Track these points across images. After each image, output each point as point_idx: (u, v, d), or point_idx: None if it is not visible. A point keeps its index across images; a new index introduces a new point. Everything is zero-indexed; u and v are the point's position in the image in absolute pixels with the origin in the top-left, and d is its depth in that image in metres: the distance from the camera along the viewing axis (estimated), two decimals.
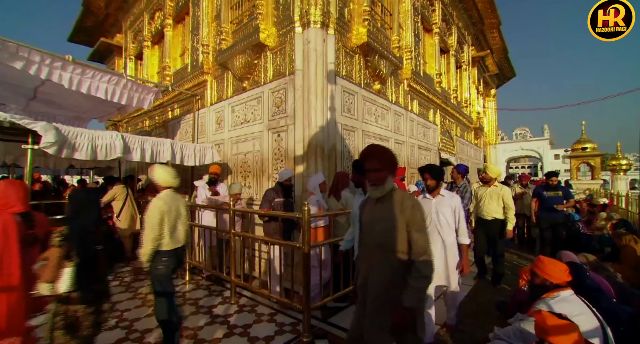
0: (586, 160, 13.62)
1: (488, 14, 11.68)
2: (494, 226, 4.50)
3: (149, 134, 9.01)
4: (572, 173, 14.32)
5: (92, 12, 10.39)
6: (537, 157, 33.14)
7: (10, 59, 4.03)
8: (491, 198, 4.50)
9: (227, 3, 5.97)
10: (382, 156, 1.79)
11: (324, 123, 4.46)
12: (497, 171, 4.63)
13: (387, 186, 1.77)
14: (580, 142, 13.82)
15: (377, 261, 1.78)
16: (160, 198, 2.74)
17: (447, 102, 9.33)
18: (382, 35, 5.79)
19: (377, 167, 1.75)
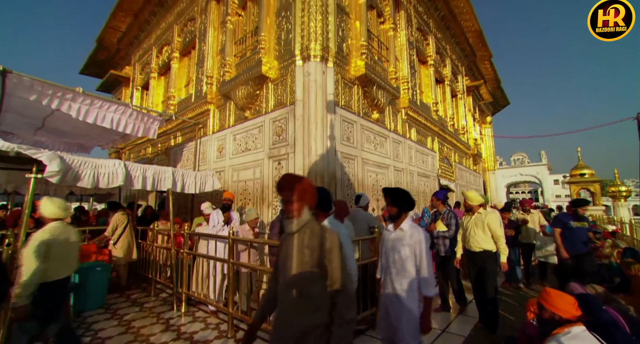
0: (586, 186, 13.65)
1: (479, 47, 12.28)
2: (480, 259, 3.88)
3: (150, 161, 9.13)
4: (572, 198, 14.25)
5: (105, 47, 10.97)
6: (537, 182, 33.18)
7: (25, 92, 4.20)
8: (476, 227, 3.94)
9: (232, 38, 6.31)
10: (296, 187, 1.65)
11: (324, 151, 4.54)
12: (478, 198, 4.03)
13: (302, 218, 1.63)
14: (578, 169, 13.93)
15: (290, 303, 1.55)
16: (45, 230, 2.76)
17: (444, 129, 9.54)
18: (379, 67, 6.06)
19: (291, 198, 1.62)
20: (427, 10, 9.45)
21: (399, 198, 2.46)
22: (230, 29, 6.32)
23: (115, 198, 8.52)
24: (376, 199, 5.83)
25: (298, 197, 1.63)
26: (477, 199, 4.02)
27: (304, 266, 1.54)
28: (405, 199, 2.46)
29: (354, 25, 5.77)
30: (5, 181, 6.30)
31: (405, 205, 2.45)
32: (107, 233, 5.52)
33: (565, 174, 30.70)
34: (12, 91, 4.30)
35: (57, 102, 4.65)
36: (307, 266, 1.53)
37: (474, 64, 13.51)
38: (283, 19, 5.36)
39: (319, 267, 1.51)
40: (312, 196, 1.69)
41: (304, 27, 4.91)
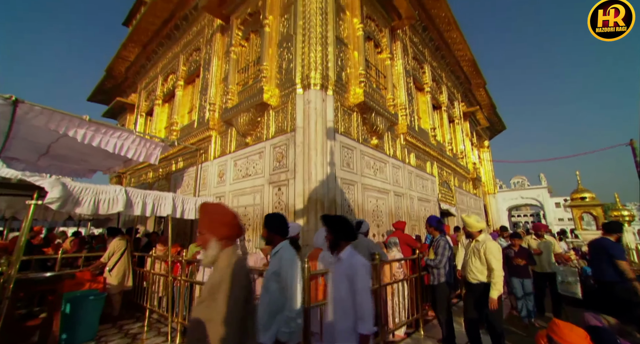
0: (588, 210, 13.52)
1: (474, 75, 12.73)
2: (478, 291, 3.59)
3: (151, 186, 9.14)
4: (576, 223, 14.09)
5: (113, 76, 11.39)
6: (538, 205, 33.01)
7: (34, 119, 4.32)
8: (474, 255, 3.65)
9: (235, 67, 6.57)
10: (204, 216, 1.55)
11: (324, 177, 4.57)
12: (477, 224, 3.72)
13: (209, 251, 1.50)
14: (578, 192, 13.88)
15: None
16: None
17: (443, 154, 9.64)
18: (377, 94, 6.25)
19: (200, 229, 1.53)
20: (422, 41, 9.90)
21: (335, 226, 2.34)
22: (233, 59, 6.59)
23: (114, 223, 8.45)
24: (377, 224, 5.78)
25: (203, 229, 1.53)
26: (477, 225, 3.72)
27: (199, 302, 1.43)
28: (342, 227, 2.34)
29: (352, 55, 6.03)
30: (5, 207, 6.28)
31: (343, 233, 2.31)
32: (104, 259, 5.41)
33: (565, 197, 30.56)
34: (21, 118, 4.42)
35: (64, 129, 4.76)
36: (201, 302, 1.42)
37: (469, 90, 13.92)
38: (284, 50, 5.61)
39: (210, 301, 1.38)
40: (221, 226, 1.54)
41: (305, 57, 5.13)
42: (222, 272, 1.41)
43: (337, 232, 2.32)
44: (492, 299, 3.37)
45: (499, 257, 3.51)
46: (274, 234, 2.27)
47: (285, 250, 2.22)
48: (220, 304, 1.33)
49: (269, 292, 1.98)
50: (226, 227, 1.55)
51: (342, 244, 2.31)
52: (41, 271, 5.39)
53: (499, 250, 3.56)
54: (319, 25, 5.26)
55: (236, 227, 1.59)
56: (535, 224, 6.45)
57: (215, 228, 1.53)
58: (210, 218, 1.55)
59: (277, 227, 2.29)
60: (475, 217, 3.76)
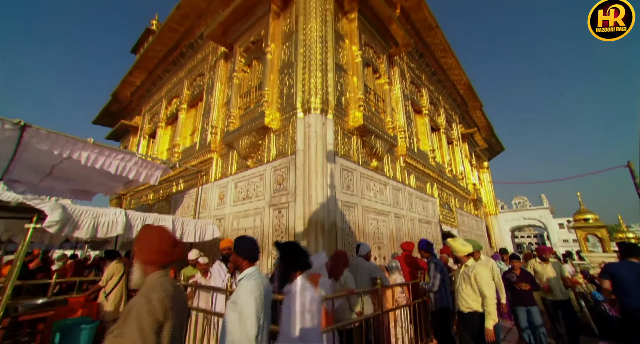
0: (592, 232, 13.33)
1: (470, 98, 13.05)
2: (470, 322, 3.34)
3: (151, 208, 9.11)
4: (581, 245, 13.85)
5: (119, 100, 11.71)
6: (542, 226, 32.58)
7: (40, 143, 4.40)
8: (464, 282, 3.42)
9: (237, 92, 6.76)
10: (138, 238, 1.49)
11: (324, 200, 4.57)
12: (463, 248, 3.51)
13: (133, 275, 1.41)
14: (580, 213, 13.75)
15: None
16: None
17: (442, 175, 9.67)
18: (376, 117, 6.38)
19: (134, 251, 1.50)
20: (419, 66, 10.25)
21: (284, 254, 2.14)
22: (236, 84, 6.80)
23: (112, 245, 8.35)
24: (378, 247, 5.70)
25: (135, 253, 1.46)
26: (463, 249, 3.51)
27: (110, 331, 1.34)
28: (292, 254, 2.13)
29: (351, 80, 6.22)
30: (2, 230, 6.23)
31: (293, 262, 2.12)
32: (102, 283, 5.28)
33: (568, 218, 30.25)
34: (27, 142, 4.51)
35: (68, 152, 4.83)
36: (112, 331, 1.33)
37: (466, 112, 14.21)
38: (285, 76, 5.80)
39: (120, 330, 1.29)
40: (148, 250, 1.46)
41: (305, 83, 5.29)
42: (136, 299, 1.34)
43: (287, 260, 2.14)
44: (488, 330, 3.12)
45: (490, 281, 3.29)
46: (242, 258, 2.06)
47: (249, 277, 1.97)
48: (127, 334, 1.23)
49: (226, 323, 1.83)
50: (152, 252, 1.47)
51: (296, 274, 2.12)
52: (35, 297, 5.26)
53: (489, 274, 3.35)
54: (319, 53, 5.47)
55: (165, 254, 1.48)
56: (540, 247, 6.12)
57: (142, 252, 1.47)
58: (141, 241, 1.50)
59: (246, 251, 2.09)
60: (460, 241, 3.59)
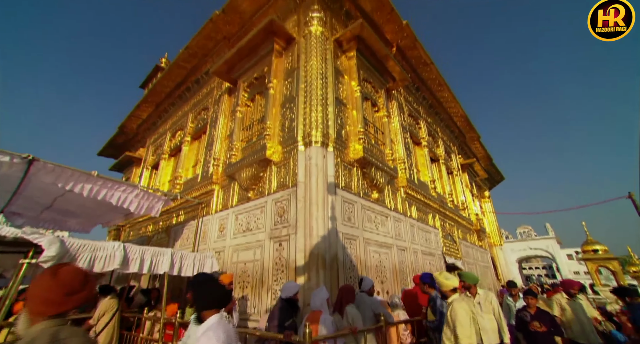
0: (603, 264, 12.87)
1: (467, 129, 13.36)
2: None
3: (150, 240, 8.98)
4: (593, 278, 13.32)
5: (125, 132, 12.03)
6: (549, 257, 31.66)
7: (45, 176, 4.47)
8: (446, 323, 3.16)
9: (240, 125, 6.97)
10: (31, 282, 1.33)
11: (325, 232, 4.53)
12: (445, 281, 3.26)
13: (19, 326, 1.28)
14: (588, 244, 13.40)
15: None
16: None
17: (444, 206, 9.63)
18: (376, 149, 6.50)
19: None
20: (416, 100, 10.63)
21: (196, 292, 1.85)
22: (239, 117, 7.02)
23: (106, 279, 8.10)
24: (380, 281, 5.54)
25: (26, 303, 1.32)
26: (447, 283, 3.24)
27: None
28: (205, 293, 1.83)
29: (351, 114, 6.44)
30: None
31: (203, 301, 1.82)
32: (92, 321, 5.06)
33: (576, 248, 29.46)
34: (32, 176, 4.58)
35: (72, 184, 4.88)
36: None
37: (464, 143, 14.46)
38: (287, 110, 6.02)
39: None
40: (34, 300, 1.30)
41: (306, 117, 5.47)
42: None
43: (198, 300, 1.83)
44: None
45: (465, 321, 2.91)
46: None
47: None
48: None
49: None
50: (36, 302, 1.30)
51: (206, 314, 1.81)
52: None
53: (466, 311, 3.00)
54: (320, 88, 5.72)
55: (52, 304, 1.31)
56: (565, 281, 5.21)
57: (28, 299, 1.32)
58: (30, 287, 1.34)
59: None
60: (444, 274, 3.37)
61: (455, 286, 3.25)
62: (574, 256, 34.55)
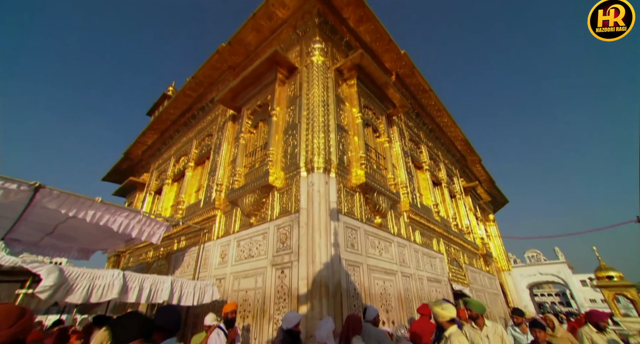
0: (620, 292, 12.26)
1: (468, 153, 13.46)
2: None
3: (150, 266, 8.83)
4: (611, 307, 12.61)
5: (130, 158, 12.23)
6: (562, 283, 30.50)
7: (49, 203, 4.50)
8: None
9: (243, 151, 7.07)
10: None
11: (328, 259, 4.45)
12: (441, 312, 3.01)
13: None
14: (602, 270, 12.88)
15: None
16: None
17: (448, 230, 9.48)
18: (378, 175, 6.53)
19: None
20: (417, 125, 10.82)
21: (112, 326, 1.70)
22: (242, 144, 7.15)
23: (102, 308, 7.87)
24: (385, 310, 5.34)
25: None
26: (443, 313, 2.99)
27: None
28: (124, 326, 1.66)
29: (353, 140, 6.54)
30: None
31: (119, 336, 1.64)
32: None
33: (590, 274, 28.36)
34: (37, 202, 4.61)
35: (75, 211, 4.90)
36: None
37: (466, 166, 14.51)
38: (290, 136, 6.13)
39: None
40: None
41: (308, 143, 5.57)
42: None
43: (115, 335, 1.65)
44: None
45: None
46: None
47: None
48: None
49: None
50: None
51: None
52: None
53: None
54: (322, 115, 5.87)
55: None
56: (592, 312, 4.63)
57: None
58: None
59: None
60: (440, 305, 3.11)
61: (453, 317, 2.98)
62: (588, 283, 33.20)
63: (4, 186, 4.10)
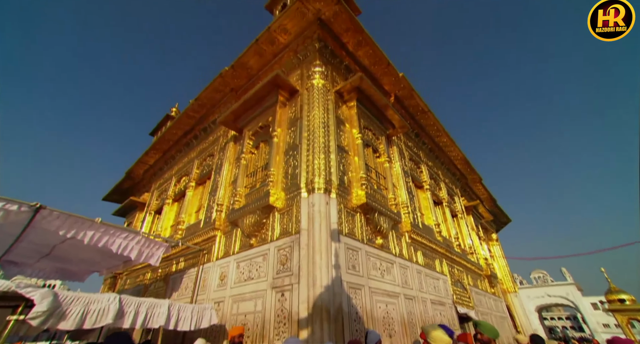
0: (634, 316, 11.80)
1: (468, 172, 13.50)
2: None
3: (147, 288, 8.63)
4: (626, 333, 12.09)
5: (131, 178, 12.28)
6: (572, 305, 29.54)
7: (49, 223, 4.48)
8: None
9: (244, 172, 7.12)
10: None
11: (329, 282, 4.36)
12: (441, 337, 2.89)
13: None
14: (612, 293, 12.46)
15: None
16: None
17: (451, 250, 9.33)
18: (379, 195, 6.53)
19: None
20: (416, 145, 10.93)
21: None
22: (243, 164, 7.21)
23: (95, 334, 7.59)
24: (388, 334, 5.16)
25: None
26: (445, 339, 2.86)
27: None
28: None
29: (353, 160, 6.59)
30: None
31: None
32: None
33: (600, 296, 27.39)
34: (37, 223, 4.59)
35: (74, 231, 4.87)
36: None
37: (467, 185, 14.50)
38: (290, 157, 6.19)
39: None
40: None
41: (309, 164, 5.62)
42: None
43: None
44: None
45: None
46: None
47: None
48: None
49: None
50: None
51: None
52: None
53: None
54: (322, 136, 5.96)
55: None
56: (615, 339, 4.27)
57: None
58: None
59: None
60: (440, 332, 2.94)
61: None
62: (600, 306, 32.08)
63: (5, 207, 4.11)
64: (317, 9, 6.98)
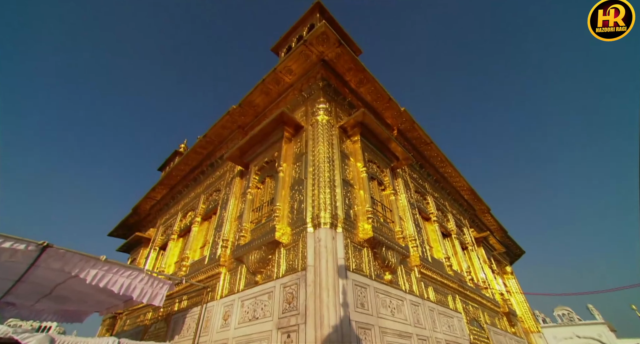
0: None
1: (475, 202, 13.33)
2: None
3: (147, 330, 8.29)
4: None
5: (138, 213, 12.34)
6: None
7: (54, 262, 4.46)
8: None
9: (250, 207, 7.14)
10: None
11: (337, 322, 4.17)
12: None
13: None
14: None
15: None
16: None
17: (463, 285, 8.93)
18: (385, 228, 6.44)
19: None
20: (421, 176, 10.97)
21: None
22: (249, 199, 7.25)
23: None
24: None
25: None
26: None
27: None
28: None
29: (358, 194, 6.61)
30: None
31: None
32: None
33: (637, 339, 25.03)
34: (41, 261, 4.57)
35: (78, 270, 4.82)
36: None
37: (475, 216, 14.23)
38: (296, 192, 6.24)
39: None
40: None
41: (315, 198, 5.64)
42: None
43: None
44: None
45: None
46: None
47: None
48: None
49: None
50: None
51: None
52: None
53: None
54: (327, 171, 6.04)
55: None
56: None
57: None
58: None
59: None
60: None
61: None
62: None
63: (13, 246, 4.12)
64: (320, 52, 7.44)
